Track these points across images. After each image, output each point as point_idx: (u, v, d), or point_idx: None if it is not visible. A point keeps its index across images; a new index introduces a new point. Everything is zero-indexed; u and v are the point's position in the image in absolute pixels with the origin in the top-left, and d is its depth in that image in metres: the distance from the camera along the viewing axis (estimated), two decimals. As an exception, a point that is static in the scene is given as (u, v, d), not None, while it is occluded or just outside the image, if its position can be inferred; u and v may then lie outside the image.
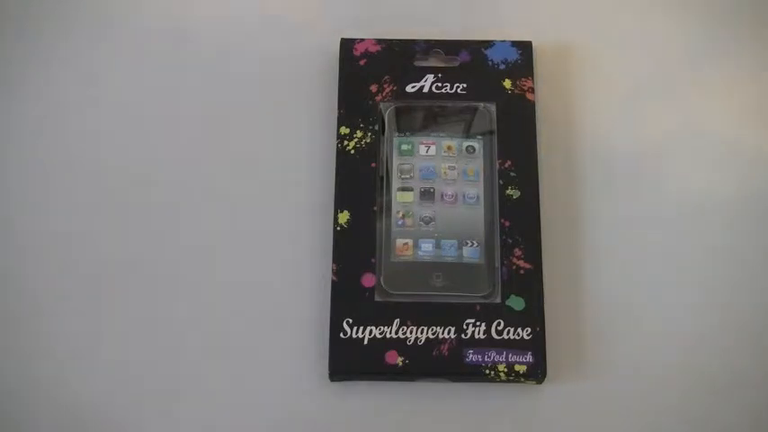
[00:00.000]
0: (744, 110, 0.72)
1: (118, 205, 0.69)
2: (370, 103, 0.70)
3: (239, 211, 0.69)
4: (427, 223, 0.67)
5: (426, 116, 0.70)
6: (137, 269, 0.67)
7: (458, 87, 0.70)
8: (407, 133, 0.69)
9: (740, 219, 0.69)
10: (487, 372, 0.64)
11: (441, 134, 0.69)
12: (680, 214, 0.69)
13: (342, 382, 0.65)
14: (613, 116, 0.72)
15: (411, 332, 0.64)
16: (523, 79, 0.71)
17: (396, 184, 0.68)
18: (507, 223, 0.67)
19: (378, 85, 0.70)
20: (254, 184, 0.70)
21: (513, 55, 0.71)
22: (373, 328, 0.64)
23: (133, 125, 0.71)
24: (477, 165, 0.68)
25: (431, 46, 0.72)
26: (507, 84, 0.70)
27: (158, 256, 0.68)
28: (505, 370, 0.64)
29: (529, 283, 0.65)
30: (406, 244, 0.66)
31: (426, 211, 0.67)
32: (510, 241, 0.66)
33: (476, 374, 0.64)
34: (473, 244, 0.66)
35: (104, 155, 0.70)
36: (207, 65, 0.73)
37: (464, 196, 0.68)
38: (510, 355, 0.64)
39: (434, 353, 0.64)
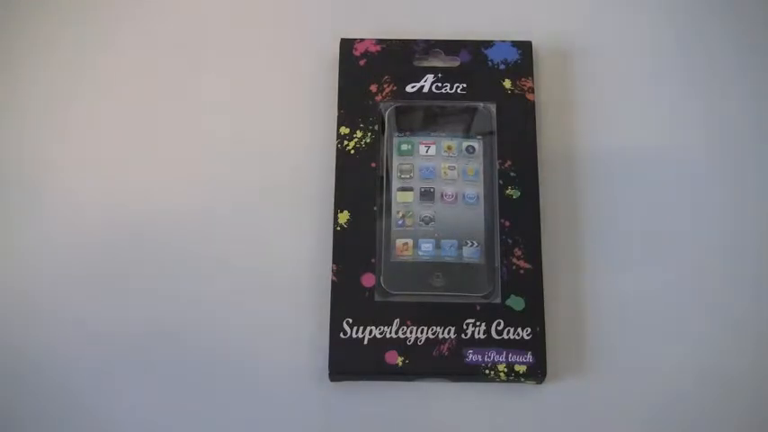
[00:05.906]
0: (745, 110, 0.72)
1: (116, 209, 0.69)
2: (370, 103, 0.70)
3: (239, 210, 0.69)
4: (427, 223, 0.67)
5: (426, 116, 0.70)
6: (136, 269, 0.67)
7: (458, 87, 0.70)
8: (407, 133, 0.69)
9: (740, 219, 0.69)
10: (487, 372, 0.64)
11: (441, 134, 0.69)
12: (680, 214, 0.69)
13: (342, 382, 0.65)
14: (613, 116, 0.72)
15: (411, 332, 0.64)
16: (523, 79, 0.71)
17: (396, 183, 0.68)
18: (507, 223, 0.67)
19: (378, 85, 0.70)
20: (254, 183, 0.70)
21: (513, 55, 0.71)
22: (373, 328, 0.64)
23: (132, 126, 0.71)
24: (477, 165, 0.68)
25: (431, 46, 0.72)
26: (507, 84, 0.70)
27: (158, 257, 0.68)
28: (505, 370, 0.64)
29: (529, 283, 0.65)
30: (405, 244, 0.66)
31: (426, 211, 0.67)
32: (510, 241, 0.66)
33: (476, 374, 0.64)
34: (473, 244, 0.66)
35: (103, 163, 0.70)
36: (206, 65, 0.73)
37: (464, 196, 0.68)
38: (510, 355, 0.64)
39: (434, 353, 0.64)
